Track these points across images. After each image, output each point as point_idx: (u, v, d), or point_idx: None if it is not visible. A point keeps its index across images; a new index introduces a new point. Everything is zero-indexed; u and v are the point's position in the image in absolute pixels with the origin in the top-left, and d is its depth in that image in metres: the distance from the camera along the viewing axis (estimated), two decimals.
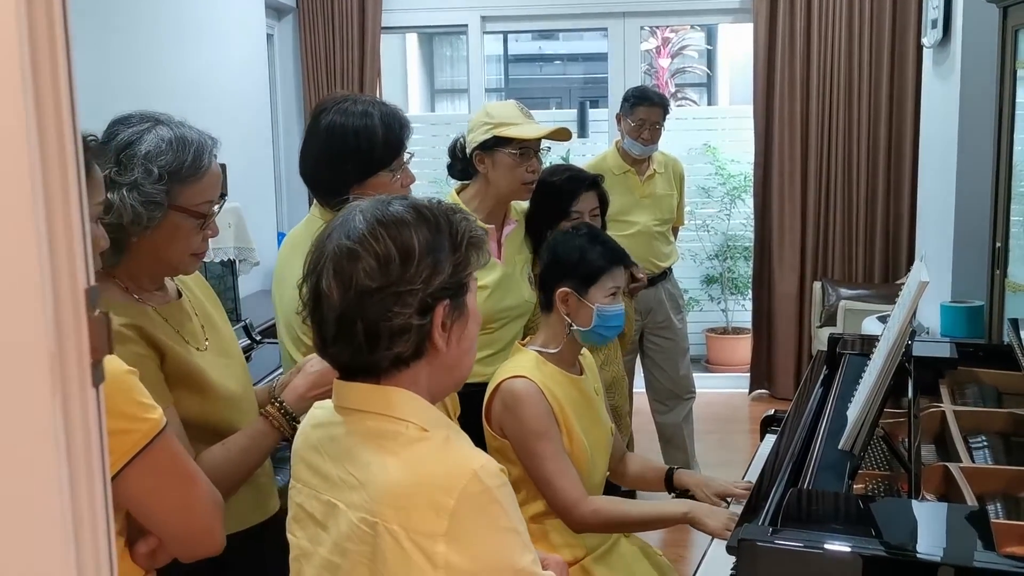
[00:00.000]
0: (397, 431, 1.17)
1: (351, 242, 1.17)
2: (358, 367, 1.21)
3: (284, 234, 4.96)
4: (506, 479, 1.15)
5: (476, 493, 1.09)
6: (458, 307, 1.21)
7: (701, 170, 5.86)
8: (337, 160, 1.93)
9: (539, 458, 1.91)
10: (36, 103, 0.52)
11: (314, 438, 1.27)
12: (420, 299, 1.16)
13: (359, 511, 1.13)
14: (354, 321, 1.16)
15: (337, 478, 1.19)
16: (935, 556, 1.34)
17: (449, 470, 1.11)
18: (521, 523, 1.16)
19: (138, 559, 1.21)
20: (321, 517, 1.21)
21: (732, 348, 5.92)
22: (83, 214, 0.56)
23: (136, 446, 1.12)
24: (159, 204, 1.44)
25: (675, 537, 3.64)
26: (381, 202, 1.22)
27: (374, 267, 1.15)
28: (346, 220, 1.20)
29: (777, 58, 4.97)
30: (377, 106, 1.98)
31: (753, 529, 1.45)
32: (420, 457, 1.14)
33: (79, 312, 0.55)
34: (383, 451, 1.15)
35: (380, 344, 1.17)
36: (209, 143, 1.53)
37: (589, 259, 2.02)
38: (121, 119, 1.49)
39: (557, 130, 2.39)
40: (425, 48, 10.13)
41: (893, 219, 4.96)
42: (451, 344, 1.21)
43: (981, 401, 2.18)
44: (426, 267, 1.16)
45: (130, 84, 3.26)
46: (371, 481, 1.14)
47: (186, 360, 1.51)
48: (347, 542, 1.15)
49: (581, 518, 1.93)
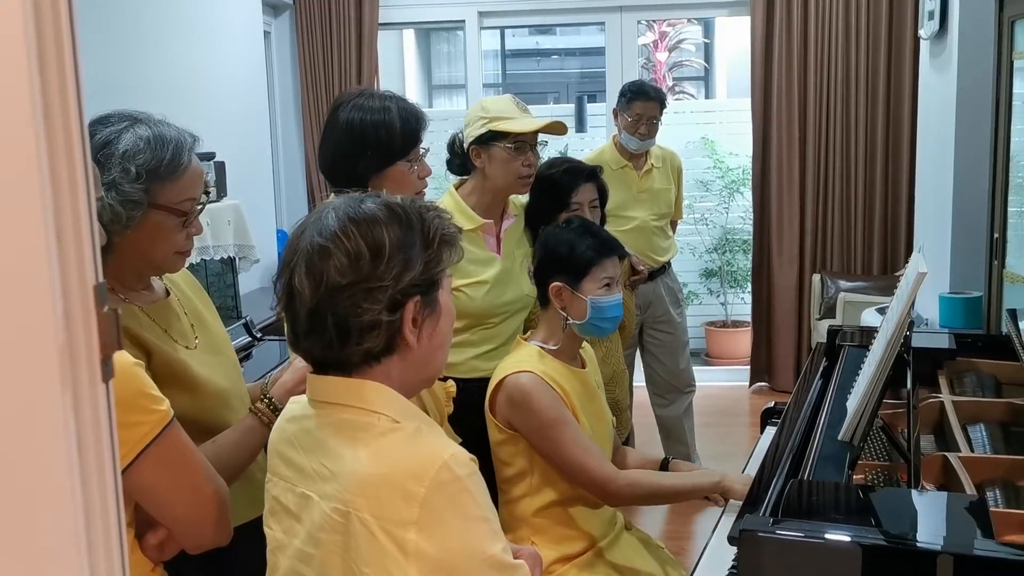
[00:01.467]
0: (369, 423, 1.19)
1: (323, 239, 1.19)
2: (330, 362, 1.23)
3: (283, 231, 4.99)
4: (476, 468, 1.17)
5: (446, 481, 1.11)
6: (429, 303, 1.23)
7: (699, 164, 5.86)
8: (356, 152, 1.98)
9: (562, 444, 1.92)
10: (44, 101, 0.52)
11: (289, 432, 1.29)
12: (390, 296, 1.18)
13: (332, 501, 1.15)
14: (325, 317, 1.18)
15: (311, 470, 1.21)
16: (935, 545, 1.34)
17: (420, 459, 1.13)
18: (492, 512, 1.18)
19: (147, 551, 1.23)
20: (295, 509, 1.23)
21: (731, 341, 5.93)
22: (91, 210, 0.56)
23: (146, 438, 1.14)
24: (138, 203, 1.44)
25: (676, 530, 3.66)
26: (354, 200, 1.24)
27: (344, 264, 1.17)
28: (320, 218, 1.23)
29: (774, 51, 4.97)
30: (395, 101, 2.04)
31: (754, 520, 1.46)
32: (391, 447, 1.16)
33: (88, 308, 0.56)
34: (355, 442, 1.17)
35: (350, 339, 1.19)
36: (188, 140, 1.52)
37: (578, 252, 2.02)
38: (100, 119, 1.49)
39: (552, 123, 2.39)
40: (422, 44, 10.13)
41: (891, 211, 4.97)
42: (422, 340, 1.23)
43: (980, 391, 2.19)
44: (397, 264, 1.18)
45: (126, 82, 3.26)
46: (343, 472, 1.15)
47: (174, 359, 1.51)
48: (320, 532, 1.17)
49: (617, 491, 1.95)
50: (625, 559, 2.04)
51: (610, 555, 2.03)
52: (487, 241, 2.43)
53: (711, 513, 3.59)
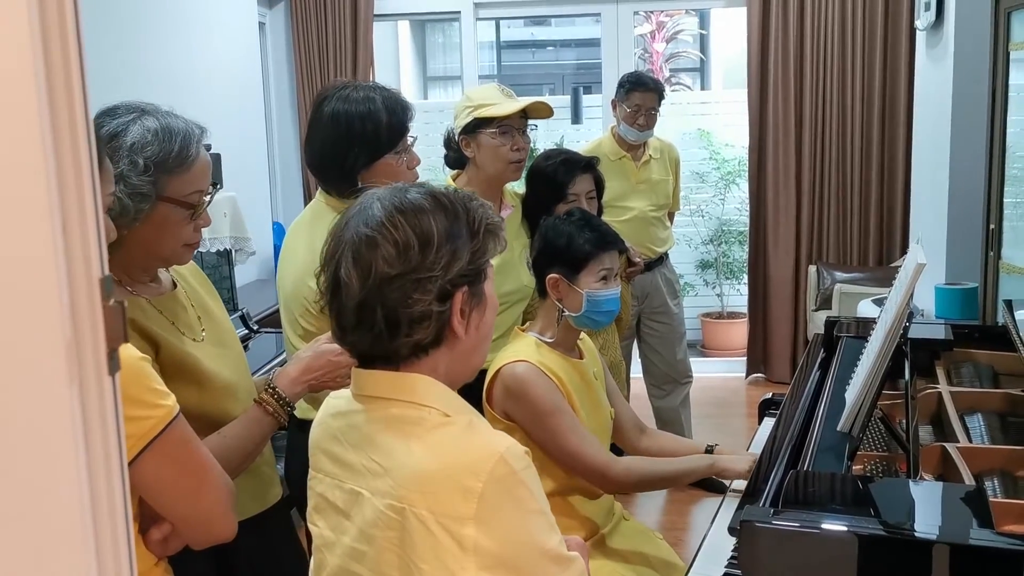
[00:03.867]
0: (420, 417, 1.17)
1: (369, 229, 1.17)
2: (377, 355, 1.21)
3: (279, 223, 4.98)
4: (530, 462, 1.15)
5: (503, 475, 1.10)
6: (476, 294, 1.22)
7: (695, 155, 5.86)
8: (343, 146, 1.95)
9: (559, 434, 1.92)
10: (49, 94, 0.52)
11: (334, 427, 1.27)
12: (440, 286, 1.16)
13: (385, 497, 1.14)
14: (374, 308, 1.16)
15: (360, 466, 1.19)
16: (933, 534, 1.35)
17: (476, 453, 1.12)
18: (547, 505, 1.17)
19: (151, 546, 1.22)
20: (344, 506, 1.22)
21: (727, 333, 5.94)
22: (97, 204, 0.56)
23: (151, 433, 1.13)
24: (146, 196, 1.43)
25: (673, 521, 3.67)
26: (398, 190, 1.22)
27: (393, 254, 1.15)
28: (364, 208, 1.20)
29: (771, 42, 4.97)
30: (378, 91, 2.00)
31: (754, 510, 1.46)
32: (445, 441, 1.15)
33: (94, 302, 0.56)
34: (407, 437, 1.16)
35: (400, 331, 1.17)
36: (196, 132, 1.50)
37: (577, 244, 2.02)
38: (107, 110, 1.48)
39: (534, 104, 2.39)
40: (417, 35, 10.10)
41: (887, 202, 4.98)
42: (470, 331, 1.21)
43: (977, 381, 2.19)
44: (445, 254, 1.17)
45: (122, 74, 3.24)
46: (396, 467, 1.14)
47: (181, 351, 1.50)
48: (373, 529, 1.15)
49: (616, 478, 1.96)
50: (631, 545, 2.05)
51: (612, 542, 2.04)
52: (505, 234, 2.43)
53: (708, 504, 3.61)
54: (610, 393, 2.18)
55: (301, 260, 1.97)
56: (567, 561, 1.16)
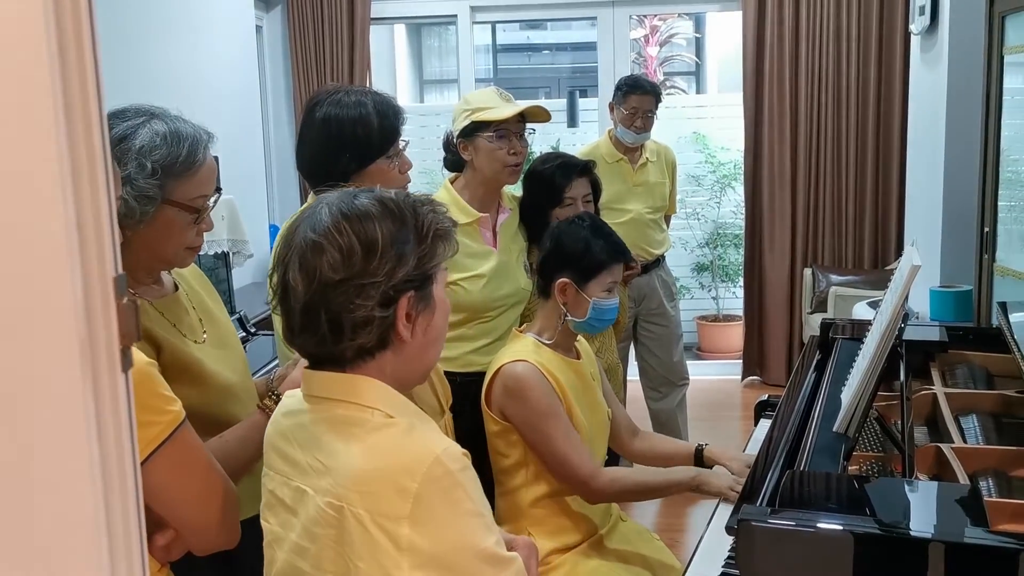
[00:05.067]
0: (363, 418, 1.19)
1: (316, 235, 1.19)
2: (325, 357, 1.23)
3: (276, 226, 4.99)
4: (468, 463, 1.17)
5: (439, 476, 1.12)
6: (424, 298, 1.23)
7: (691, 158, 5.87)
8: (334, 151, 1.95)
9: (550, 438, 1.93)
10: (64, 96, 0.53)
11: (284, 426, 1.29)
12: (382, 291, 1.18)
13: (326, 496, 1.16)
14: (318, 312, 1.18)
15: (306, 464, 1.21)
16: (928, 533, 1.36)
17: (412, 454, 1.13)
18: (485, 506, 1.18)
19: (155, 551, 1.22)
20: (291, 503, 1.23)
21: (723, 335, 5.96)
22: (111, 203, 0.57)
23: (158, 438, 1.13)
24: (152, 199, 1.44)
25: (670, 522, 3.68)
26: (348, 195, 1.24)
27: (337, 260, 1.17)
28: (313, 213, 1.22)
29: (766, 46, 4.99)
30: (370, 95, 2.00)
31: (751, 510, 1.47)
32: (384, 442, 1.16)
33: (108, 299, 0.57)
34: (349, 437, 1.18)
35: (344, 335, 1.19)
36: (204, 137, 1.52)
37: (592, 253, 2.04)
38: (116, 112, 1.48)
39: (533, 109, 2.40)
40: (413, 39, 10.10)
41: (882, 205, 5.00)
42: (416, 335, 1.23)
43: (971, 383, 2.21)
44: (389, 260, 1.18)
45: (117, 76, 3.24)
46: (337, 466, 1.16)
47: (183, 353, 1.51)
48: (315, 526, 1.17)
49: (599, 488, 1.96)
50: (629, 546, 2.06)
51: (610, 543, 2.05)
52: (483, 235, 2.44)
53: (704, 506, 3.61)
54: (605, 395, 2.20)
55: None
56: (504, 562, 1.17)
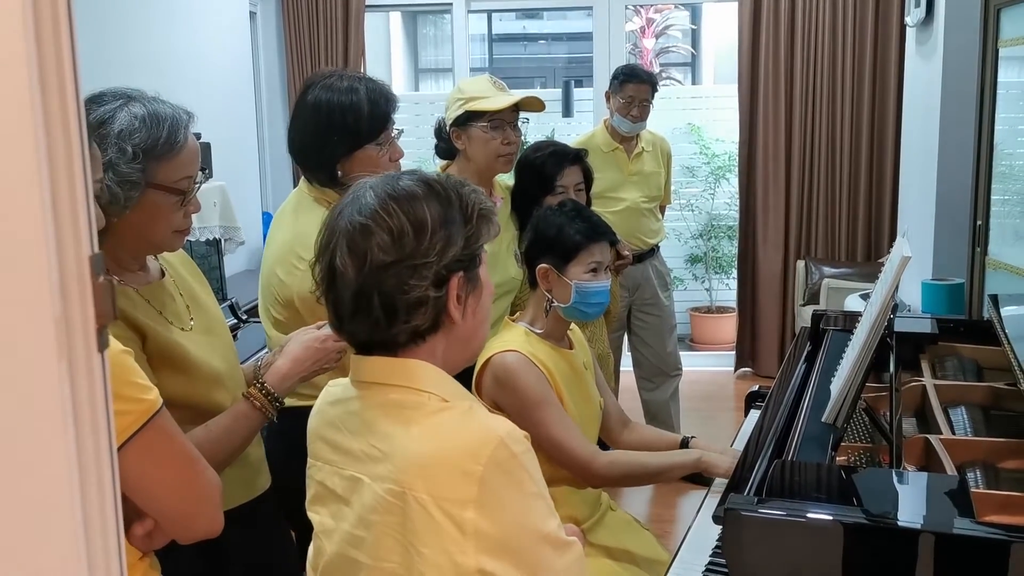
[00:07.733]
0: (419, 402, 1.18)
1: (363, 218, 1.18)
2: (376, 342, 1.21)
3: (269, 213, 4.98)
4: (529, 445, 1.16)
5: (504, 459, 1.11)
6: (472, 279, 1.23)
7: (685, 150, 5.87)
8: (323, 135, 1.94)
9: (544, 425, 1.93)
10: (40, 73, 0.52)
11: (332, 415, 1.27)
12: (435, 271, 1.17)
13: (385, 482, 1.14)
14: (370, 296, 1.17)
15: (360, 452, 1.20)
16: (915, 524, 1.36)
17: (476, 437, 1.12)
18: (545, 489, 1.17)
19: (134, 541, 1.20)
20: (343, 492, 1.22)
21: (716, 327, 5.96)
22: (87, 181, 0.56)
23: (132, 427, 1.10)
24: (136, 183, 1.42)
25: (660, 512, 3.69)
26: (391, 178, 1.23)
27: (388, 241, 1.16)
28: (357, 197, 1.21)
29: (761, 38, 4.98)
30: (363, 82, 1.99)
31: (738, 499, 1.47)
32: (445, 426, 1.15)
33: (84, 278, 0.56)
34: (407, 421, 1.16)
35: (398, 318, 1.18)
36: (184, 118, 1.49)
37: (567, 235, 2.03)
38: (93, 97, 1.46)
39: (528, 99, 2.39)
40: (409, 27, 10.08)
41: (876, 198, 5.00)
42: (467, 316, 1.22)
43: (961, 375, 2.21)
44: (440, 239, 1.17)
45: (110, 62, 3.23)
46: (396, 451, 1.14)
47: (168, 340, 1.49)
48: (372, 514, 1.16)
49: (599, 471, 1.96)
50: (615, 540, 2.05)
51: (595, 537, 2.04)
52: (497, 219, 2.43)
53: (694, 496, 3.62)
54: (598, 385, 2.19)
55: (274, 251, 1.98)
56: (565, 545, 1.17)
